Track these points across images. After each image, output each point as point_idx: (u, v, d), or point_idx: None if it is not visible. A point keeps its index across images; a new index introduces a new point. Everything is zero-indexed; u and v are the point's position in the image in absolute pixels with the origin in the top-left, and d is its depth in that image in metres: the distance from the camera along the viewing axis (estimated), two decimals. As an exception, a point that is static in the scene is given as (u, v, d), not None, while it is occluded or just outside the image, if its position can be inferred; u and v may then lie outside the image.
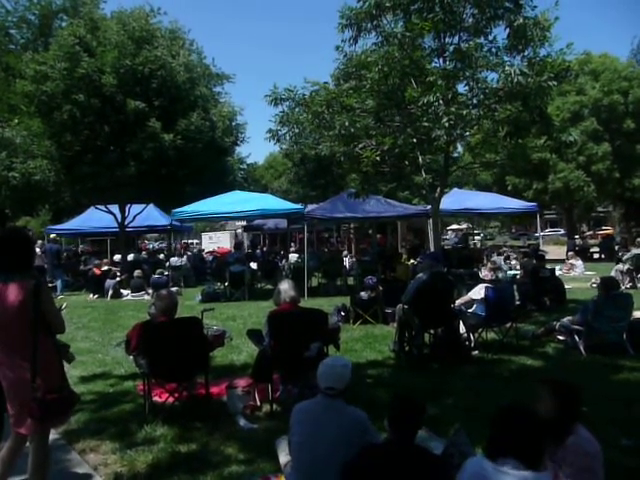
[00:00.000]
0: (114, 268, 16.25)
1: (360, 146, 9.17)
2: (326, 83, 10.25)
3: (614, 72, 26.32)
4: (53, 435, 4.59)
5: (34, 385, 3.07)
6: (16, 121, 18.01)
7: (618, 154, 25.93)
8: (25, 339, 3.10)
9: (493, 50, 9.11)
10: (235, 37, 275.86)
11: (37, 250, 15.95)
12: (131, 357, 5.28)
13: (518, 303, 8.75)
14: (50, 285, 14.85)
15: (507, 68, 8.29)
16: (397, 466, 2.72)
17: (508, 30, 8.94)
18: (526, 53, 8.92)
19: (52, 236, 18.05)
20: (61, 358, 3.37)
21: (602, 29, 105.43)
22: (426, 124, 8.73)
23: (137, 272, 15.30)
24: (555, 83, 8.47)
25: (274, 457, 3.67)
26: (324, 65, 55.44)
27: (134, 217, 17.89)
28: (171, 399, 5.07)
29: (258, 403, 5.24)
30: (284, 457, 3.45)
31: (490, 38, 9.23)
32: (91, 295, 15.08)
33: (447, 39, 9.40)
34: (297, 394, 5.13)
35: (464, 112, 8.37)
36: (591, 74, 26.48)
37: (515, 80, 8.10)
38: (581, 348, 6.97)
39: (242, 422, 4.79)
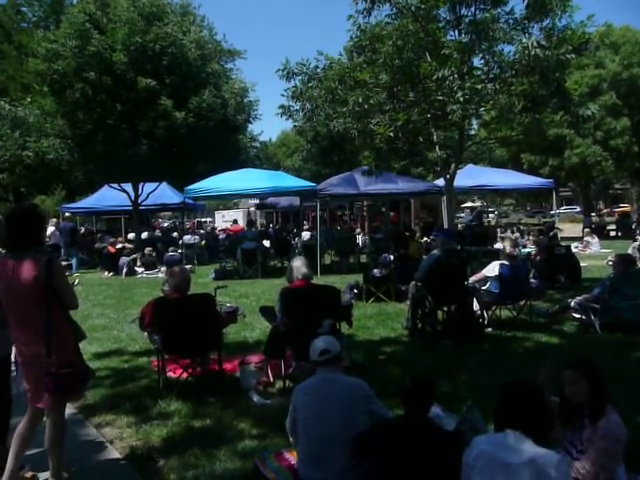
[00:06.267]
0: (128, 246, 16.37)
1: (374, 122, 9.03)
2: (340, 56, 10.09)
3: (635, 45, 25.60)
4: (70, 410, 4.68)
5: (49, 360, 3.10)
6: (29, 100, 18.06)
7: (637, 129, 25.39)
8: (39, 314, 3.12)
9: (510, 22, 8.87)
10: (246, 12, 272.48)
11: (52, 228, 16.09)
12: (145, 333, 5.33)
13: (533, 281, 8.68)
14: (66, 263, 15.03)
15: (524, 41, 8.07)
16: (408, 441, 2.73)
17: (526, 0, 8.67)
18: (545, 24, 8.65)
19: (67, 215, 18.19)
20: (75, 333, 3.40)
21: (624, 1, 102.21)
22: (440, 98, 8.57)
23: (147, 250, 15.39)
24: (574, 56, 8.25)
25: (286, 432, 3.69)
26: (337, 40, 54.66)
27: (147, 195, 17.95)
28: (185, 375, 5.12)
29: (271, 379, 5.28)
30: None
31: (507, 9, 8.98)
32: (106, 273, 15.23)
33: (463, 10, 9.15)
34: (309, 370, 5.14)
35: (479, 86, 8.18)
36: (611, 47, 25.79)
37: (532, 53, 7.89)
38: (596, 326, 6.89)
39: (255, 398, 4.82)
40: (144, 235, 18.96)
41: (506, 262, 7.41)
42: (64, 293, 3.23)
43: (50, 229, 16.01)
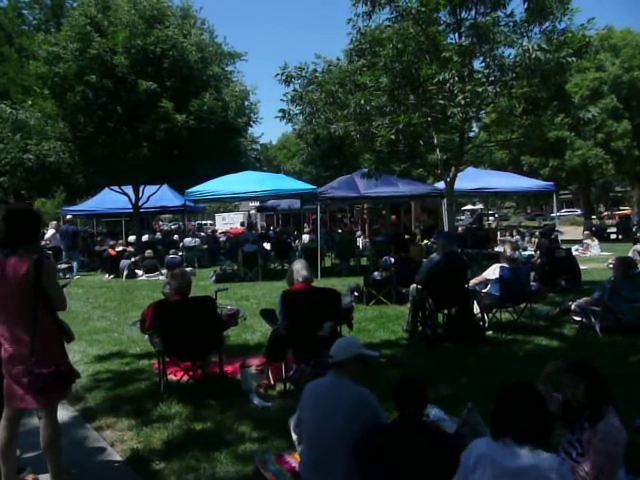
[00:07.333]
0: (129, 249, 16.38)
1: (375, 125, 9.05)
2: (338, 59, 10.11)
3: (635, 48, 25.62)
4: (71, 412, 4.70)
5: (32, 359, 3.09)
6: (30, 103, 18.07)
7: (638, 132, 25.41)
8: (26, 313, 3.11)
9: (511, 25, 8.88)
10: (246, 14, 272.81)
11: (52, 231, 16.10)
12: (146, 336, 5.33)
13: (533, 284, 8.66)
14: (67, 265, 15.06)
15: (525, 44, 8.09)
16: (406, 443, 2.74)
17: (526, 3, 8.69)
18: (545, 27, 8.67)
19: (68, 217, 18.20)
20: (61, 334, 3.36)
21: (625, 3, 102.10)
22: (441, 101, 8.58)
23: (148, 252, 15.41)
24: (574, 59, 8.26)
25: (287, 435, 3.69)
26: (337, 42, 54.78)
27: (148, 198, 17.97)
28: (186, 377, 5.12)
29: (272, 382, 5.28)
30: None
31: (508, 12, 8.99)
32: (106, 275, 15.24)
33: (463, 13, 9.17)
34: (310, 373, 5.14)
35: (480, 89, 8.20)
36: (611, 50, 25.83)
37: (533, 56, 7.91)
38: (597, 329, 6.89)
39: (256, 400, 4.82)
40: (145, 238, 18.97)
41: (506, 265, 7.40)
42: (52, 293, 3.21)
43: (50, 232, 16.02)
